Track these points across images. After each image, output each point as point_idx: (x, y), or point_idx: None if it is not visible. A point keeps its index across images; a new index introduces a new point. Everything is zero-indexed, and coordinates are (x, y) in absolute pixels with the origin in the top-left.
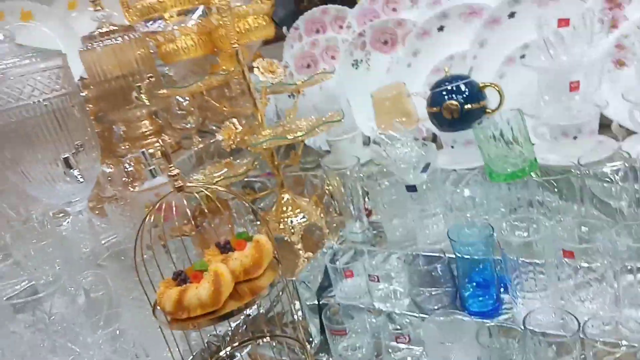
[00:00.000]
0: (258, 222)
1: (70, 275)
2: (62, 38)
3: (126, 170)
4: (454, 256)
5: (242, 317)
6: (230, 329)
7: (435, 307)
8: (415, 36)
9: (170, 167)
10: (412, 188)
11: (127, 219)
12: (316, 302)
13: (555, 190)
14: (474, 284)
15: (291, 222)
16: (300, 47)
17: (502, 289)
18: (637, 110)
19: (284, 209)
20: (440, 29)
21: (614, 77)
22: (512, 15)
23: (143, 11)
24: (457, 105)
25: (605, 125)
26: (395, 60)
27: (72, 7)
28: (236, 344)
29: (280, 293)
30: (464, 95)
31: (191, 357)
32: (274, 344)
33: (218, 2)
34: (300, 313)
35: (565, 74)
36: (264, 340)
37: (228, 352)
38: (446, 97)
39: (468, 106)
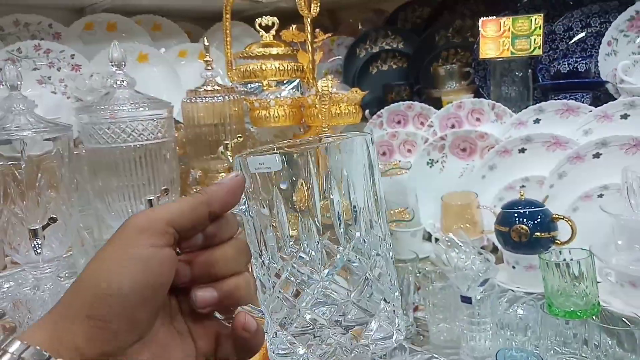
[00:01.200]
0: None
1: None
2: (166, 80)
3: None
4: None
5: None
6: None
7: None
8: (496, 152)
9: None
10: (466, 299)
11: None
12: None
13: (614, 335)
14: None
15: None
16: (380, 135)
17: None
18: None
19: None
20: (522, 150)
21: None
22: (597, 155)
23: (245, 74)
24: (527, 231)
25: None
26: (470, 169)
27: (182, 55)
28: None
29: None
30: (535, 222)
31: None
32: None
33: (320, 89)
34: None
35: None
36: None
37: None
38: (517, 219)
39: (538, 234)
